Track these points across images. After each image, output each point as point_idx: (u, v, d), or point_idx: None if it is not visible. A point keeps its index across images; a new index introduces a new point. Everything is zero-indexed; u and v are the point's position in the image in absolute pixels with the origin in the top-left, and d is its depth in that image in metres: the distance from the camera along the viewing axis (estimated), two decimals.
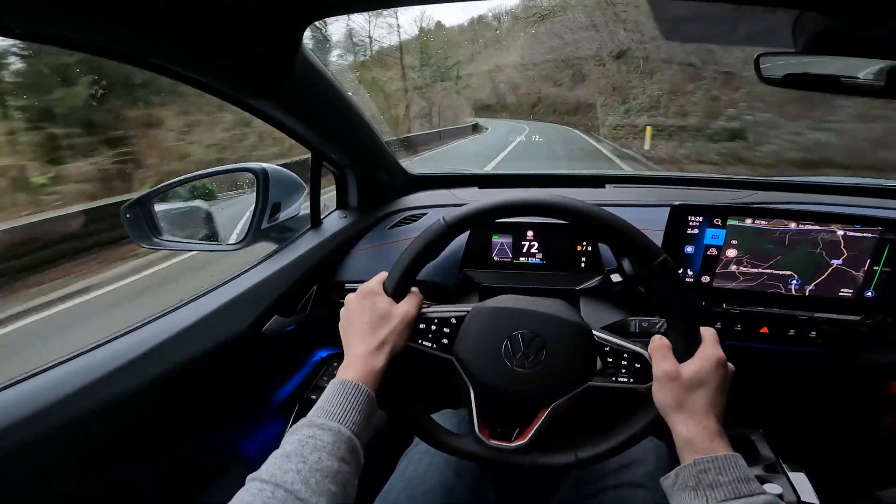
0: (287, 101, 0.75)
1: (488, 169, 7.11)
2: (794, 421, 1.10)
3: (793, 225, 0.80)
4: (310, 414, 0.51)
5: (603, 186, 1.30)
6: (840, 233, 0.79)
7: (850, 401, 1.10)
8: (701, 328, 0.57)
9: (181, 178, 1.00)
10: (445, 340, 0.62)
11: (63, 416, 0.59)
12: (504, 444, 0.60)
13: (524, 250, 0.98)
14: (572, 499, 0.75)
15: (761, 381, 1.07)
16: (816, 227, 0.79)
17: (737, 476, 0.48)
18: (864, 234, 0.78)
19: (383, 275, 0.63)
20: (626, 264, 0.87)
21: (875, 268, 0.79)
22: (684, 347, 0.56)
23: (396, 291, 0.61)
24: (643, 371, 0.58)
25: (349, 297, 0.63)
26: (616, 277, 0.90)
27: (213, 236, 1.09)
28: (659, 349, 0.57)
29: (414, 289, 0.63)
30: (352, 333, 0.60)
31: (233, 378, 0.85)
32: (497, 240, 0.99)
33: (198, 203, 1.08)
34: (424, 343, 0.62)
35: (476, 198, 1.23)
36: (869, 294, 0.80)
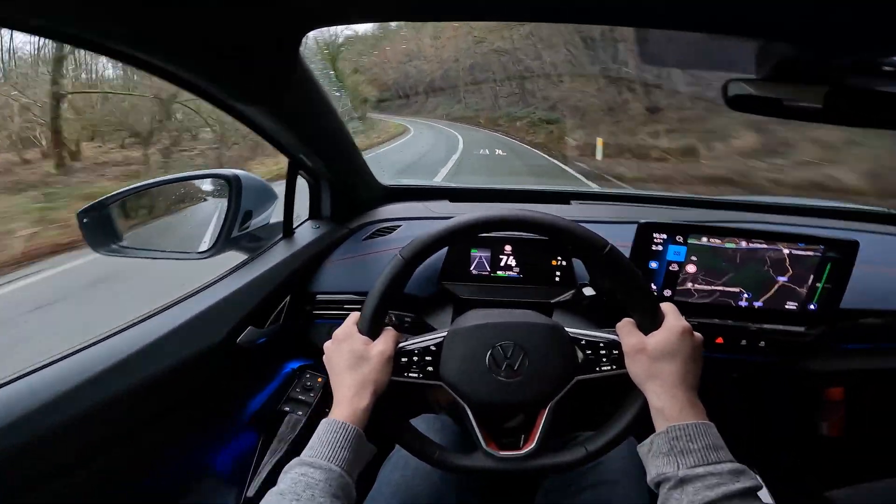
0: (280, 109, 0.74)
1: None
2: (746, 426, 1.18)
3: (744, 243, 0.87)
4: (302, 454, 0.54)
5: (568, 202, 1.35)
6: (786, 251, 0.86)
7: (793, 406, 1.19)
8: (661, 304, 0.61)
9: (145, 182, 0.96)
10: (430, 368, 0.64)
11: (26, 433, 0.56)
12: (515, 452, 0.62)
13: (502, 264, 1.01)
14: (552, 500, 0.77)
15: (716, 389, 1.14)
16: (764, 246, 0.86)
17: (706, 444, 0.51)
18: (807, 253, 0.86)
19: (355, 316, 0.66)
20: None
21: (817, 284, 0.87)
22: (648, 322, 0.60)
23: (371, 331, 0.63)
24: (622, 356, 0.61)
25: (327, 345, 0.66)
26: (588, 291, 0.94)
27: (178, 244, 1.04)
28: (624, 326, 0.62)
29: (388, 327, 0.65)
30: (335, 377, 0.63)
31: (206, 390, 0.83)
32: (476, 253, 1.00)
33: (162, 209, 1.03)
34: (411, 375, 0.64)
35: (449, 211, 1.25)
36: (812, 307, 0.88)
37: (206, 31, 0.50)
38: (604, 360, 0.63)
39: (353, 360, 0.61)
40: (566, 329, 0.65)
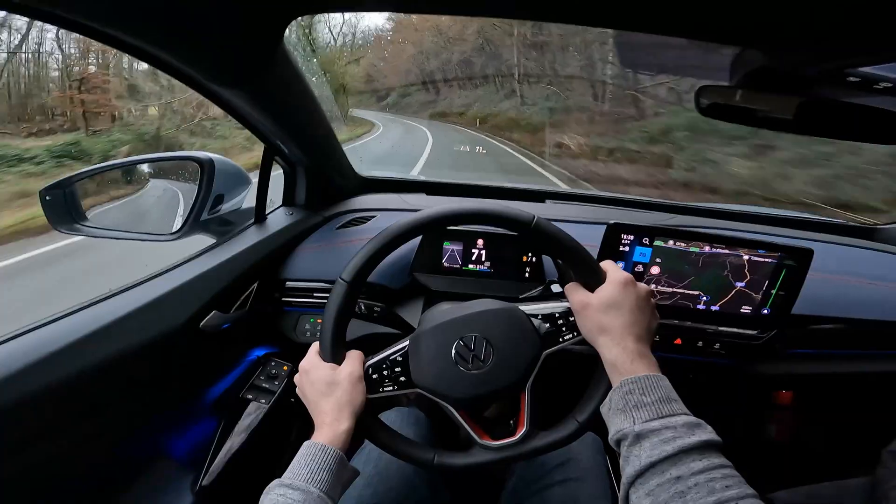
0: (259, 94, 0.73)
1: None
2: None
3: (707, 248, 0.89)
4: (283, 475, 0.54)
5: (543, 201, 1.37)
6: (746, 257, 0.89)
7: (743, 409, 1.24)
8: (602, 262, 0.63)
9: (114, 162, 0.94)
10: (403, 378, 0.64)
11: None
12: (510, 439, 0.63)
13: (473, 258, 1.02)
14: (520, 495, 0.78)
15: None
16: (726, 251, 0.89)
17: (659, 396, 0.50)
18: (766, 259, 0.89)
19: (316, 345, 0.65)
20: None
21: (772, 290, 0.90)
22: (591, 279, 0.61)
23: (333, 357, 0.63)
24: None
25: (296, 378, 0.66)
26: (556, 288, 0.96)
27: (145, 224, 1.02)
28: (570, 287, 0.63)
29: (351, 350, 0.65)
30: (311, 406, 0.63)
31: (167, 374, 0.81)
32: (448, 246, 1.01)
33: (131, 188, 1.01)
34: (386, 389, 0.64)
35: (424, 203, 1.26)
36: (765, 311, 0.92)
37: (187, 8, 0.49)
38: (563, 329, 0.64)
39: (323, 387, 0.61)
40: (521, 307, 0.66)
